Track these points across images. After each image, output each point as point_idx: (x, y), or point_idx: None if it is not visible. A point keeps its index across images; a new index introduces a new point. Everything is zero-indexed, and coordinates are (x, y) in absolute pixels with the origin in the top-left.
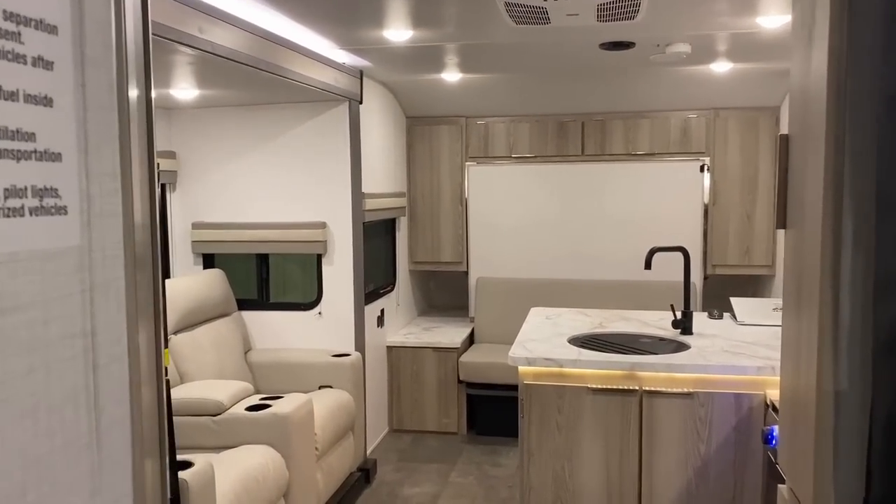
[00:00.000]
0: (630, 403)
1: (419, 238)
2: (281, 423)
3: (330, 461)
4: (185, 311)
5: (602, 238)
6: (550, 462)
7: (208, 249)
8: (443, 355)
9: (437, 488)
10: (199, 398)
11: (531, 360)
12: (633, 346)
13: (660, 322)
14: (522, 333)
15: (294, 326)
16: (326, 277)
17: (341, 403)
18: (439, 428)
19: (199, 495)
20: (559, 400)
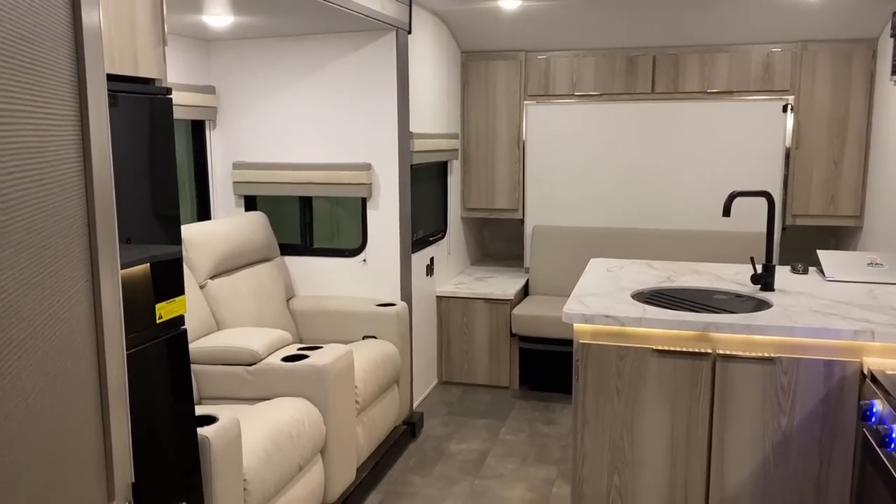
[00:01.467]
0: (701, 368)
1: (472, 183)
2: (318, 375)
3: (372, 415)
4: (223, 255)
5: (671, 184)
6: (608, 430)
7: (249, 191)
8: (495, 307)
9: (485, 445)
10: (234, 347)
11: (589, 318)
12: (705, 304)
13: (736, 276)
14: (580, 287)
15: (338, 274)
16: (371, 223)
17: (385, 355)
18: (490, 382)
19: (223, 454)
20: (620, 362)
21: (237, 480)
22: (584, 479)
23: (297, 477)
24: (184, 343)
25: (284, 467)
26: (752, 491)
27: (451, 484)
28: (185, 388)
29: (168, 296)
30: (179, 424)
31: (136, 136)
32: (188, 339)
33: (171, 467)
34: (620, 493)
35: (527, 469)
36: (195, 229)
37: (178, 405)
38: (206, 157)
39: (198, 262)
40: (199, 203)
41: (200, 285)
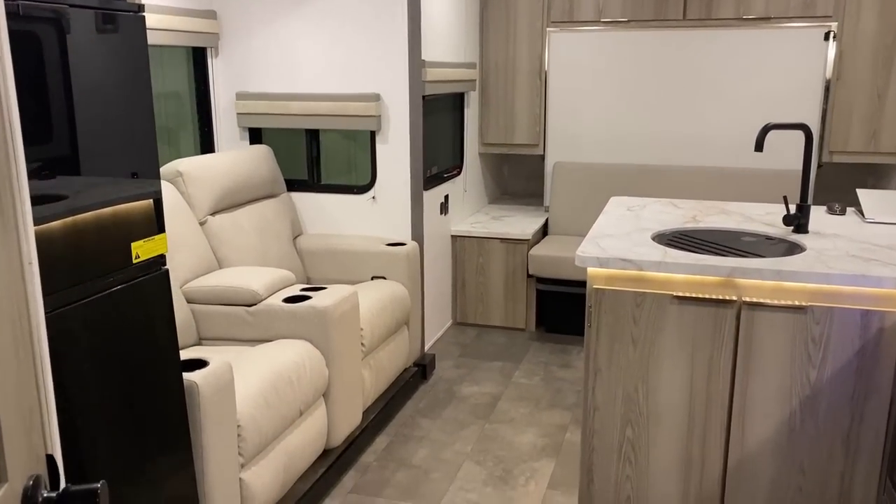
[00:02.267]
0: (725, 316)
1: (491, 116)
2: (319, 317)
3: (380, 357)
4: (224, 190)
5: (701, 118)
6: (621, 381)
7: (254, 123)
8: (511, 247)
9: (498, 388)
10: (233, 286)
11: (604, 261)
12: (732, 247)
13: (767, 217)
14: (597, 227)
15: (347, 211)
16: (381, 158)
17: (394, 297)
18: (506, 323)
19: (213, 401)
20: (636, 309)
21: (230, 427)
22: (595, 431)
23: (297, 422)
24: (166, 284)
25: (283, 412)
26: (776, 448)
27: (460, 427)
28: (169, 331)
29: (145, 234)
30: (163, 370)
31: (101, 61)
32: (187, 278)
33: (154, 416)
34: (633, 446)
35: (540, 414)
36: (194, 163)
37: (162, 349)
38: (209, 88)
39: (197, 198)
40: (202, 136)
41: (200, 222)
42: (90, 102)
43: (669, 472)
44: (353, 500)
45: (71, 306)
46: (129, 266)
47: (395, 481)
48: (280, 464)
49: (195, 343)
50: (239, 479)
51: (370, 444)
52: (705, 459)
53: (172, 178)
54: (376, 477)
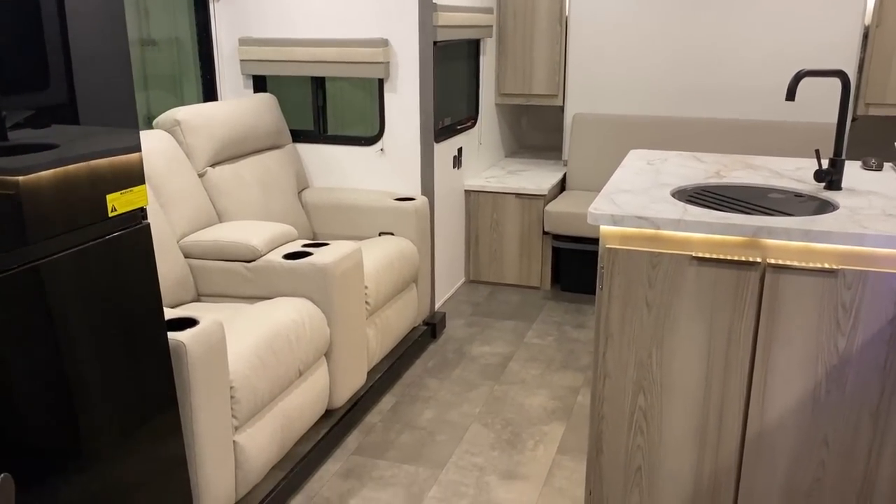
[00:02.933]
0: (748, 279)
1: (508, 65)
2: (320, 274)
3: (386, 316)
4: (224, 140)
5: (728, 67)
6: (634, 346)
7: (257, 70)
8: (527, 203)
9: (509, 348)
10: (231, 241)
11: (618, 219)
12: (758, 204)
13: (797, 172)
14: (612, 183)
15: (354, 164)
16: (389, 108)
17: (401, 254)
18: (520, 282)
19: (202, 361)
20: (652, 271)
21: (222, 389)
22: (605, 399)
23: (296, 382)
24: (146, 238)
25: (280, 372)
26: (798, 420)
27: (469, 388)
28: (152, 288)
29: (122, 186)
30: (147, 330)
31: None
32: (185, 231)
33: (139, 378)
34: (645, 415)
35: (551, 375)
36: (193, 112)
37: (145, 308)
38: (211, 33)
39: (196, 148)
40: (205, 84)
41: (199, 173)
42: (58, 47)
43: (683, 443)
44: (355, 461)
45: (38, 262)
46: (105, 220)
47: (400, 443)
48: (277, 425)
49: (193, 299)
50: (233, 441)
51: (375, 405)
52: (722, 431)
53: (170, 128)
54: (380, 438)
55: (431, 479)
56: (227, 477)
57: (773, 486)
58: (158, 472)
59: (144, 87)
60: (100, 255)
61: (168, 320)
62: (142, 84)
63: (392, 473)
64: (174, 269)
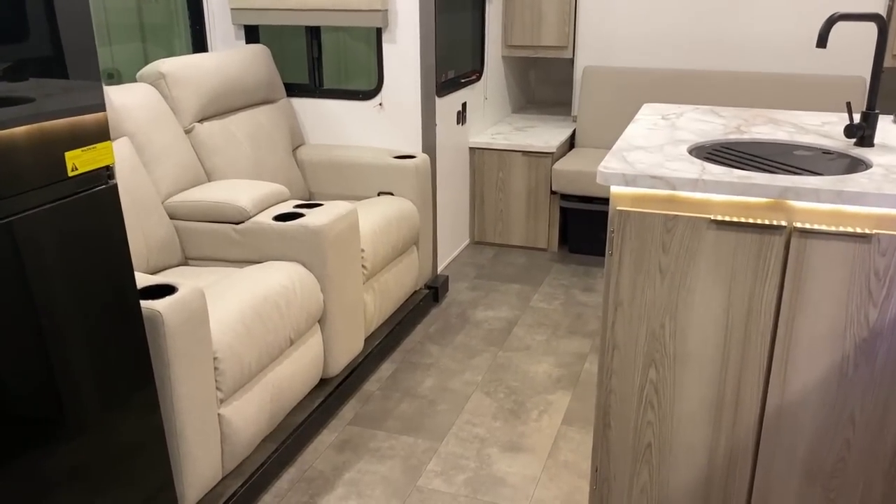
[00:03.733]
0: (771, 244)
1: (515, 14)
2: (312, 237)
3: (385, 280)
4: (213, 93)
5: (746, 16)
6: (645, 316)
7: (248, 20)
8: (534, 160)
9: (514, 313)
10: (218, 202)
11: (630, 179)
12: (783, 163)
13: (825, 127)
14: (624, 139)
15: (351, 119)
16: (388, 59)
17: (401, 214)
18: (527, 243)
19: (181, 332)
20: (666, 235)
21: (204, 360)
22: (614, 371)
23: (287, 351)
24: (113, 200)
25: (269, 340)
26: (823, 396)
27: (471, 355)
28: (120, 255)
29: (83, 143)
30: (117, 300)
31: None
32: (170, 191)
33: (111, 352)
34: (657, 388)
35: (557, 341)
36: (179, 63)
37: (114, 275)
38: None
39: (183, 102)
40: (195, 35)
41: (186, 129)
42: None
43: (697, 418)
44: (351, 432)
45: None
46: (65, 180)
47: (399, 412)
48: (267, 396)
49: (180, 263)
50: (217, 414)
51: (374, 373)
52: (739, 406)
53: (154, 81)
54: (378, 407)
55: (430, 451)
56: (212, 451)
57: (794, 465)
58: (135, 448)
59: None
60: (60, 218)
61: (145, 288)
62: (127, 35)
63: (389, 445)
64: (158, 231)
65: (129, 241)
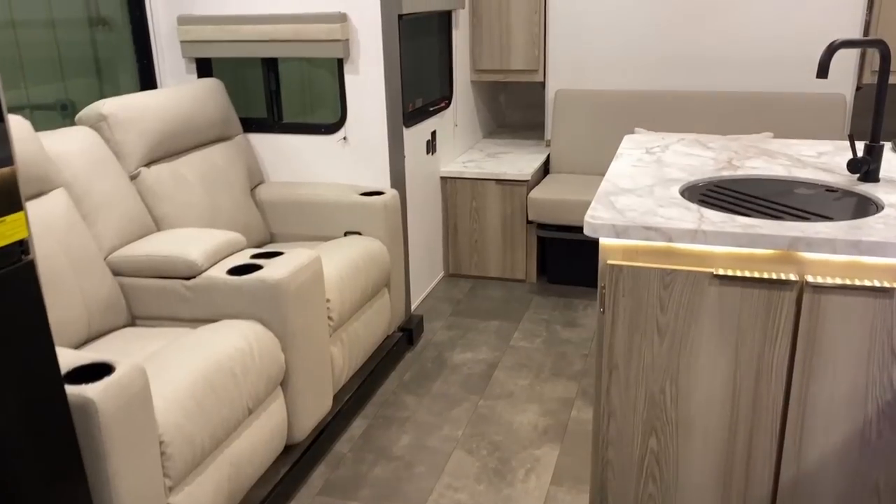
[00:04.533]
0: (781, 301)
1: (483, 38)
2: (271, 292)
3: (354, 329)
4: (161, 134)
5: (724, 33)
6: (644, 380)
7: (200, 52)
8: (509, 189)
9: (494, 354)
10: (165, 255)
11: (621, 230)
12: (786, 205)
13: (822, 159)
14: (610, 180)
15: (314, 155)
16: (351, 91)
17: (370, 256)
18: (504, 274)
19: (118, 419)
20: (664, 291)
21: (148, 447)
22: (610, 442)
23: (246, 422)
24: (30, 277)
25: (224, 414)
26: (843, 464)
27: (450, 405)
28: (40, 336)
29: None
30: (37, 388)
31: None
32: (113, 245)
33: (35, 446)
34: (658, 460)
35: (541, 386)
36: (123, 104)
37: (30, 361)
38: (145, 11)
39: (127, 146)
40: (142, 71)
41: (131, 175)
42: None
43: (704, 491)
44: (321, 503)
45: None
46: None
47: (373, 478)
48: (224, 475)
49: (126, 323)
50: None
51: (345, 431)
52: (750, 477)
53: (94, 123)
54: (350, 473)
55: None
56: None
57: None
58: None
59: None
60: None
61: (76, 369)
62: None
63: None
64: (100, 291)
65: (66, 305)
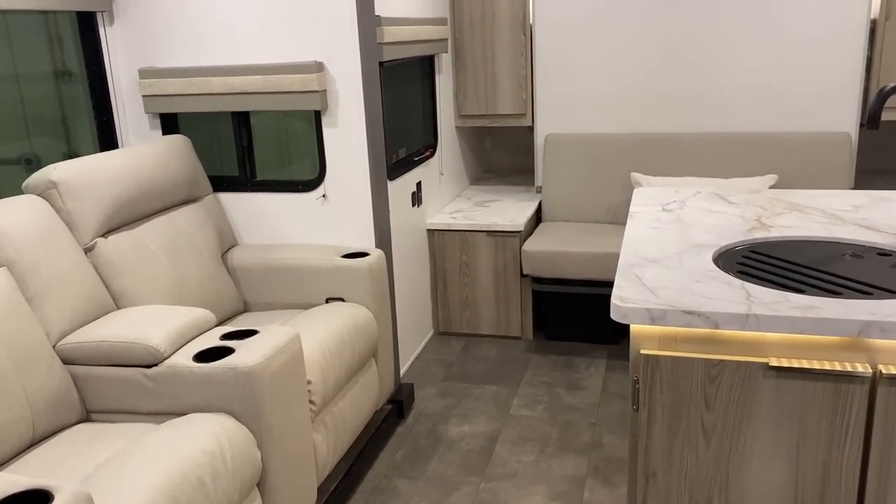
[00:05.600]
0: (851, 396)
1: (468, 83)
2: (244, 381)
3: (339, 410)
4: (120, 200)
5: (719, 72)
6: (687, 490)
7: (164, 107)
8: (501, 240)
9: (493, 426)
10: (122, 341)
11: (658, 315)
12: (840, 276)
13: (860, 213)
14: (631, 247)
15: (291, 214)
16: (330, 144)
17: (356, 325)
18: (498, 332)
19: None
20: (710, 385)
21: None
22: None
23: None
24: None
25: None
26: None
27: (449, 490)
28: None
29: None
30: None
31: None
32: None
33: None
34: None
35: (548, 462)
36: (74, 168)
37: None
38: (104, 65)
39: (81, 215)
40: (101, 128)
41: (86, 248)
42: None
43: None
44: None
45: None
46: None
47: None
48: None
49: (80, 419)
50: None
51: None
52: None
53: (44, 192)
54: None
55: None
56: None
57: None
58: None
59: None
60: None
61: (8, 498)
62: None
63: None
64: (48, 385)
65: (3, 406)
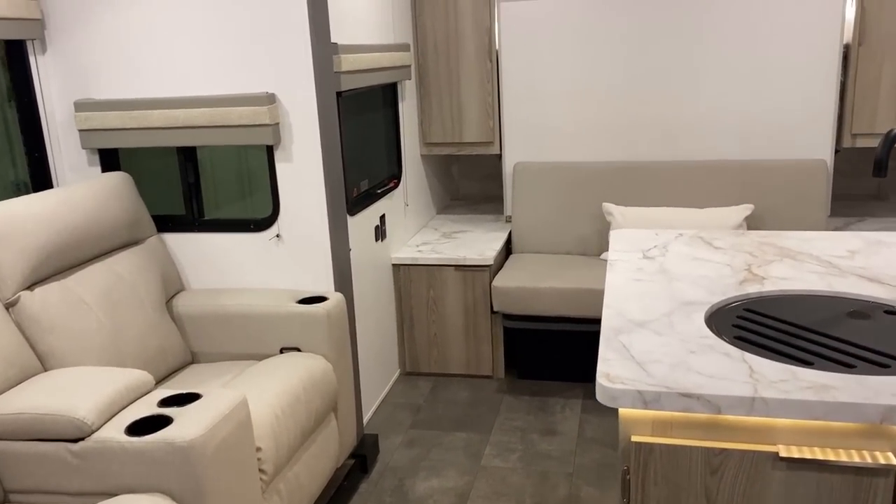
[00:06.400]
0: (873, 491)
1: (433, 110)
2: (182, 457)
3: (295, 473)
4: (49, 247)
5: (692, 100)
6: None
7: (103, 142)
8: (469, 275)
9: (464, 479)
10: (43, 413)
11: (651, 398)
12: (851, 342)
13: (856, 260)
14: (614, 307)
15: (242, 256)
16: (284, 180)
17: (312, 379)
18: (468, 371)
19: None
20: (712, 478)
21: None
22: None
23: None
24: None
25: None
26: None
27: None
28: None
29: None
30: None
31: None
32: None
33: None
34: None
35: None
36: None
37: None
38: (35, 98)
39: (2, 268)
40: (33, 166)
41: (7, 303)
42: None
43: None
44: None
45: None
46: None
47: None
48: None
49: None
50: None
51: None
52: None
53: None
54: None
55: None
56: None
57: None
58: None
59: None
60: None
61: None
62: None
63: None
64: None
65: None
